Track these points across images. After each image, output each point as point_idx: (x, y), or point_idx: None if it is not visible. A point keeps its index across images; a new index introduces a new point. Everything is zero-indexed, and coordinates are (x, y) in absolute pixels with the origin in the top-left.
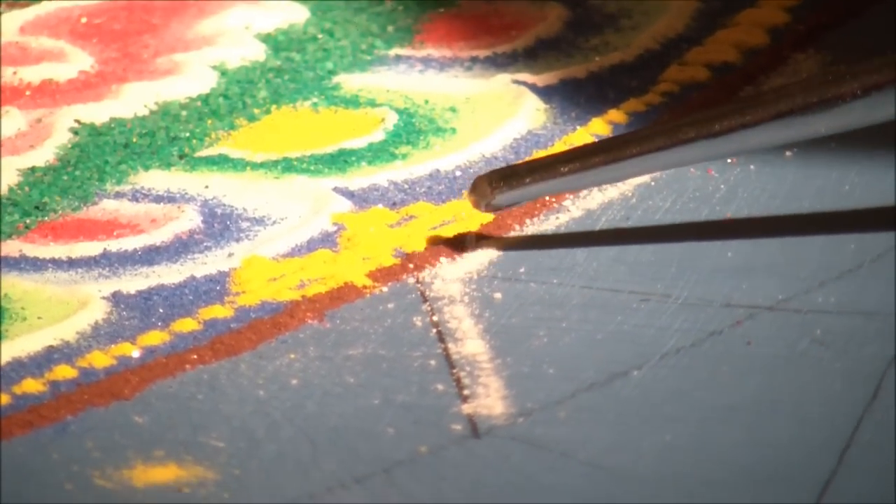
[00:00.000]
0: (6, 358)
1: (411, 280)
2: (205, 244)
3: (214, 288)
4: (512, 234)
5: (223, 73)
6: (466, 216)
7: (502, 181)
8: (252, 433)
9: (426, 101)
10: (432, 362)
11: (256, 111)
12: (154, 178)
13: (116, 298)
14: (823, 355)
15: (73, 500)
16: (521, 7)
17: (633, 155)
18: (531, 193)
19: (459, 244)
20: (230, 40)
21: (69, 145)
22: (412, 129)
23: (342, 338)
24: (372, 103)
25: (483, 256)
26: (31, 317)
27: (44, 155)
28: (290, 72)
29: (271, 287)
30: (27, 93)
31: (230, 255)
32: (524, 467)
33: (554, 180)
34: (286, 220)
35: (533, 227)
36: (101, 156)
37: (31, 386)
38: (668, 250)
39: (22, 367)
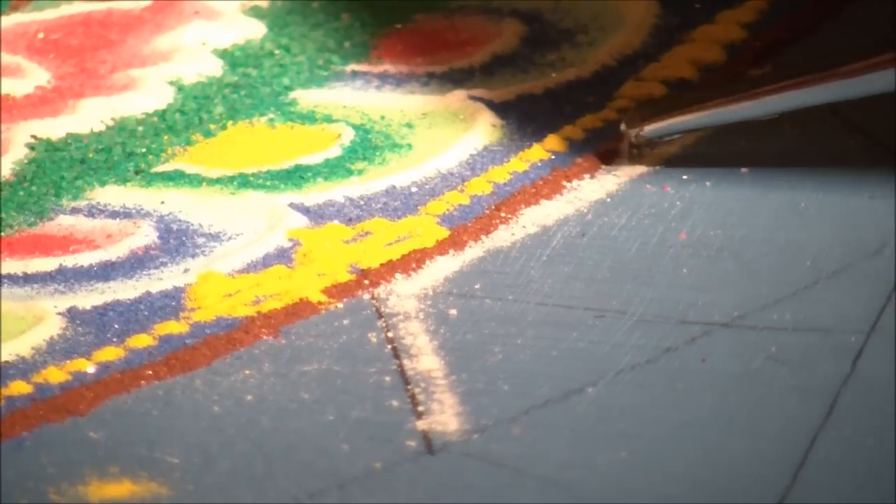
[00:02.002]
0: None
1: (366, 296)
2: (160, 260)
3: (170, 304)
4: (467, 249)
5: (180, 88)
6: (422, 232)
7: (654, 112)
8: (207, 449)
9: (382, 117)
10: (387, 378)
11: (213, 127)
12: (110, 194)
13: (72, 314)
14: (779, 372)
15: None
16: (477, 23)
17: (773, 91)
18: (679, 125)
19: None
20: (187, 56)
21: (25, 161)
22: (368, 145)
23: (297, 354)
24: (328, 119)
25: (438, 272)
26: None
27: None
28: (246, 87)
29: (226, 303)
30: None
31: (186, 270)
32: (479, 484)
33: (699, 115)
34: (242, 236)
35: (489, 243)
36: (57, 171)
37: None
38: (624, 267)
39: None
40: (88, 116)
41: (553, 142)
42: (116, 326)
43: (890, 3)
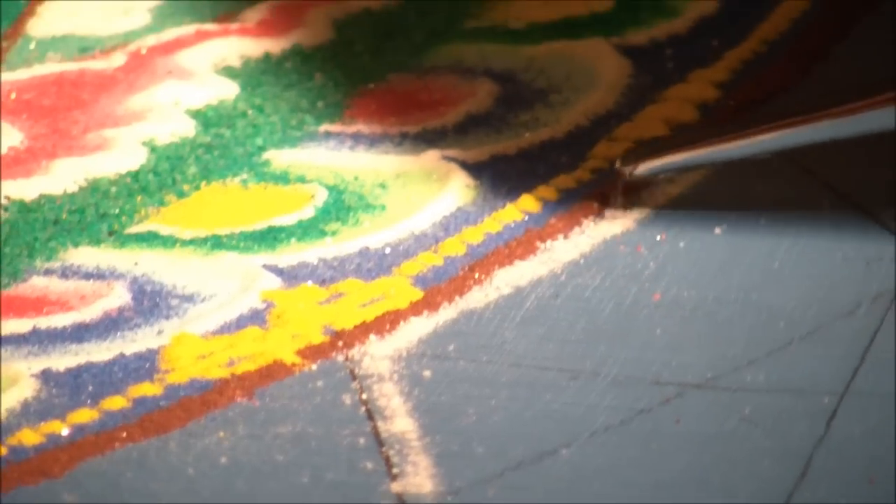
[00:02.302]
0: None
1: (340, 358)
2: (134, 321)
3: (144, 365)
4: (441, 310)
5: (153, 148)
6: (395, 293)
7: (649, 155)
8: None
9: (356, 178)
10: (361, 440)
11: (186, 187)
12: (84, 255)
13: (46, 376)
14: (752, 433)
15: None
16: (451, 82)
17: (763, 131)
18: (673, 165)
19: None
20: (160, 116)
21: None
22: (342, 206)
23: (271, 416)
24: (302, 179)
25: (412, 334)
26: None
27: None
28: (219, 148)
29: (200, 365)
30: None
31: (159, 332)
32: None
33: (693, 154)
34: (215, 298)
35: (463, 304)
36: (30, 232)
37: None
38: (597, 328)
39: None
40: (62, 177)
41: (527, 202)
42: (90, 388)
43: (861, 60)
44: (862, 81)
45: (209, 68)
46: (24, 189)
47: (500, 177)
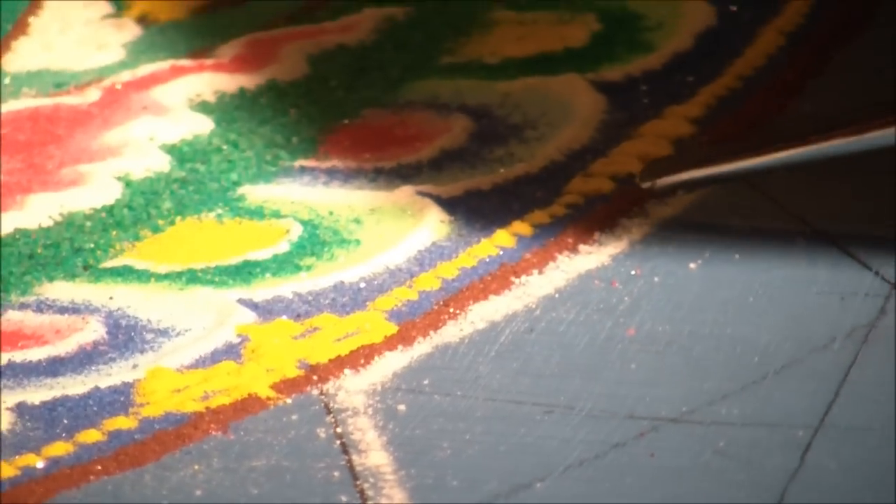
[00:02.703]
0: None
1: (315, 392)
2: (109, 355)
3: (119, 399)
4: (416, 345)
5: (128, 183)
6: (370, 328)
7: (669, 170)
8: None
9: (331, 213)
10: (336, 474)
11: (161, 222)
12: (58, 290)
13: (21, 409)
14: (727, 467)
15: None
16: (425, 118)
17: (780, 149)
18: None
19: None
20: (135, 151)
21: None
22: (316, 241)
23: (246, 449)
24: (276, 214)
25: (386, 368)
26: None
27: None
28: (194, 183)
29: (175, 398)
30: None
31: (134, 366)
32: None
33: (709, 171)
34: (190, 332)
35: (437, 338)
36: (5, 267)
37: None
38: (572, 362)
39: None
40: (37, 212)
41: (501, 237)
42: (66, 422)
43: (836, 94)
44: (838, 114)
45: (184, 104)
46: None
47: (475, 212)
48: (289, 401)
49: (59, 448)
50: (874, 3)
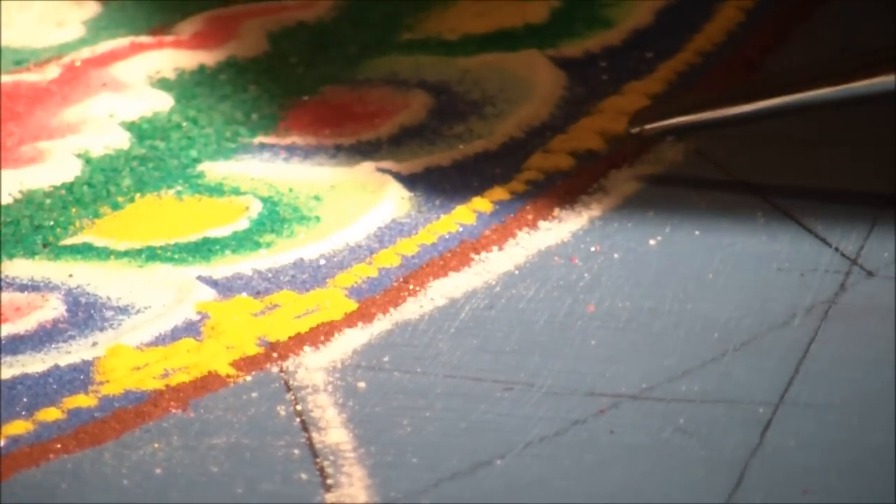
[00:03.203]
0: None
1: (275, 369)
2: (69, 333)
3: (78, 377)
4: (376, 322)
5: (87, 161)
6: (330, 305)
7: (658, 116)
8: None
9: (290, 190)
10: (296, 451)
11: (120, 199)
12: (18, 267)
13: None
14: (687, 443)
15: None
16: (385, 95)
17: (768, 96)
18: (679, 124)
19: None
20: (94, 128)
21: None
22: (276, 218)
23: (206, 427)
24: (236, 191)
25: (346, 345)
26: None
27: None
28: (154, 160)
29: (135, 376)
30: None
31: (94, 343)
32: None
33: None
34: (150, 309)
35: (397, 315)
36: None
37: None
38: (532, 339)
39: None
40: None
41: (462, 214)
42: (25, 400)
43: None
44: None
45: (144, 80)
46: None
47: (435, 189)
48: (249, 378)
49: (19, 426)
50: None
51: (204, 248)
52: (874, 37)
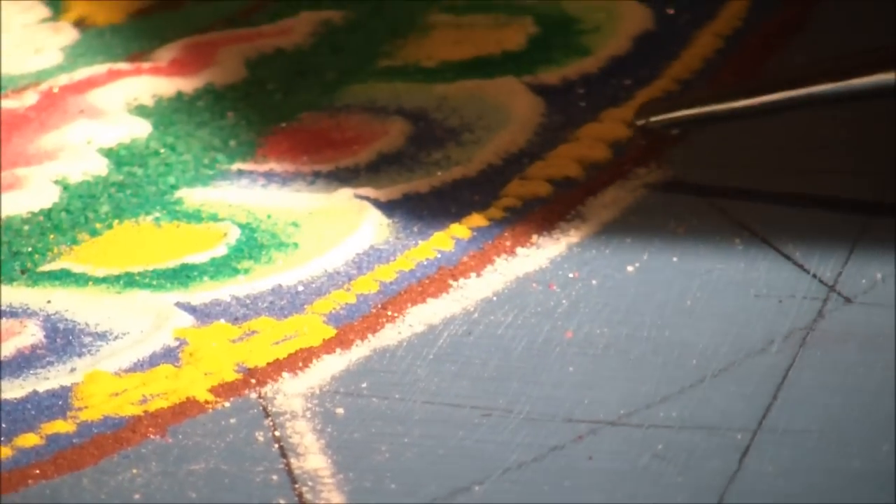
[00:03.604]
0: None
1: (253, 395)
2: (47, 359)
3: (57, 403)
4: (354, 348)
5: (65, 187)
6: (308, 331)
7: (666, 110)
8: None
9: (269, 216)
10: (274, 477)
11: (98, 226)
12: None
13: None
14: (665, 470)
15: None
16: (363, 121)
17: (773, 91)
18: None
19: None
20: (72, 155)
21: None
22: (254, 244)
23: (184, 453)
24: (214, 218)
25: (325, 371)
26: None
27: None
28: (132, 186)
29: (113, 402)
30: None
31: (72, 370)
32: None
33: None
34: (128, 335)
35: (375, 341)
36: None
37: None
38: (510, 365)
39: None
40: None
41: (439, 240)
42: (3, 426)
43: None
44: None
45: (121, 107)
46: None
47: (413, 215)
48: (227, 404)
49: None
50: (810, 5)
51: (182, 275)
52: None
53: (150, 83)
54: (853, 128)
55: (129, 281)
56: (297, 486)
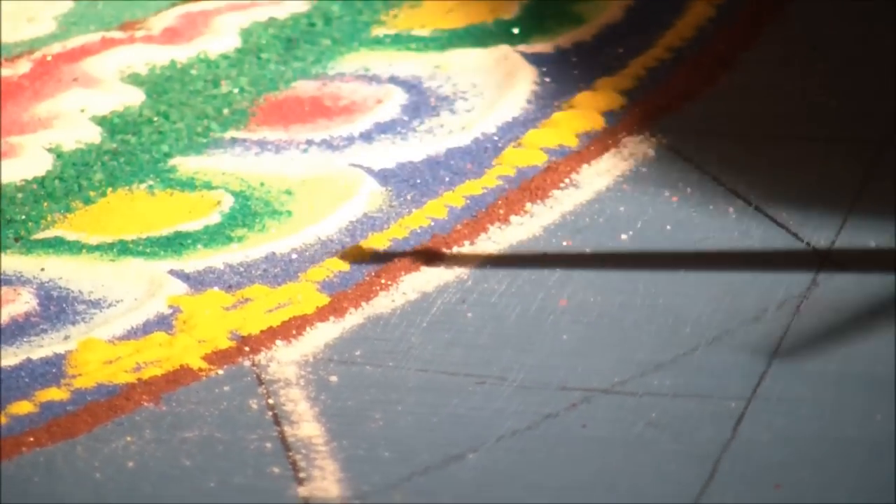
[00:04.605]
0: None
1: (247, 363)
2: (41, 326)
3: (50, 370)
4: (348, 316)
5: (59, 155)
6: (302, 299)
7: None
8: None
9: (262, 184)
10: (268, 445)
11: (92, 194)
12: None
13: None
14: (659, 438)
15: None
16: (357, 89)
17: None
18: None
19: None
20: (66, 123)
21: None
22: (248, 212)
23: (178, 420)
24: (208, 186)
25: (318, 339)
26: None
27: None
28: (125, 154)
29: (107, 370)
30: None
31: (66, 337)
32: None
33: None
34: (122, 303)
35: (369, 309)
36: None
37: None
38: (504, 333)
39: None
40: None
41: (433, 208)
42: None
43: (768, 66)
44: (770, 87)
45: (115, 75)
46: None
47: (406, 183)
48: (221, 372)
49: None
50: None
51: (175, 243)
52: (845, 33)
53: (144, 51)
54: (847, 95)
55: (122, 249)
56: (290, 453)
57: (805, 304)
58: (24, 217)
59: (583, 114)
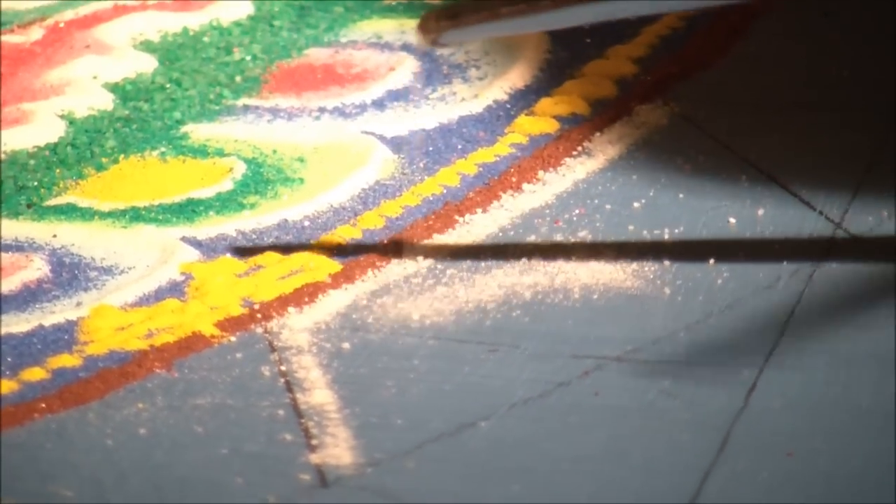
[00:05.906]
0: None
1: (259, 330)
2: (53, 293)
3: (63, 337)
4: (360, 283)
5: (71, 122)
6: (314, 266)
7: (448, 18)
8: (100, 483)
9: (274, 151)
10: (280, 412)
11: (104, 160)
12: (2, 227)
13: None
14: (672, 406)
15: None
16: (369, 57)
17: (573, 3)
18: (476, 33)
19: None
20: (78, 89)
21: None
22: (260, 179)
23: (190, 387)
24: (220, 153)
25: (331, 306)
26: None
27: None
28: (138, 121)
29: (119, 336)
30: None
31: (78, 304)
32: None
33: (497, 22)
34: (134, 270)
35: (381, 276)
36: None
37: None
38: (516, 300)
39: None
40: None
41: (445, 176)
42: (10, 360)
43: (780, 37)
44: (783, 56)
45: (127, 42)
46: None
47: (419, 151)
48: (233, 339)
49: (4, 386)
50: None
51: (188, 209)
52: (858, 1)
53: (156, 18)
54: (860, 64)
55: (134, 215)
56: (302, 420)
57: (817, 273)
58: (36, 184)
59: (595, 82)
